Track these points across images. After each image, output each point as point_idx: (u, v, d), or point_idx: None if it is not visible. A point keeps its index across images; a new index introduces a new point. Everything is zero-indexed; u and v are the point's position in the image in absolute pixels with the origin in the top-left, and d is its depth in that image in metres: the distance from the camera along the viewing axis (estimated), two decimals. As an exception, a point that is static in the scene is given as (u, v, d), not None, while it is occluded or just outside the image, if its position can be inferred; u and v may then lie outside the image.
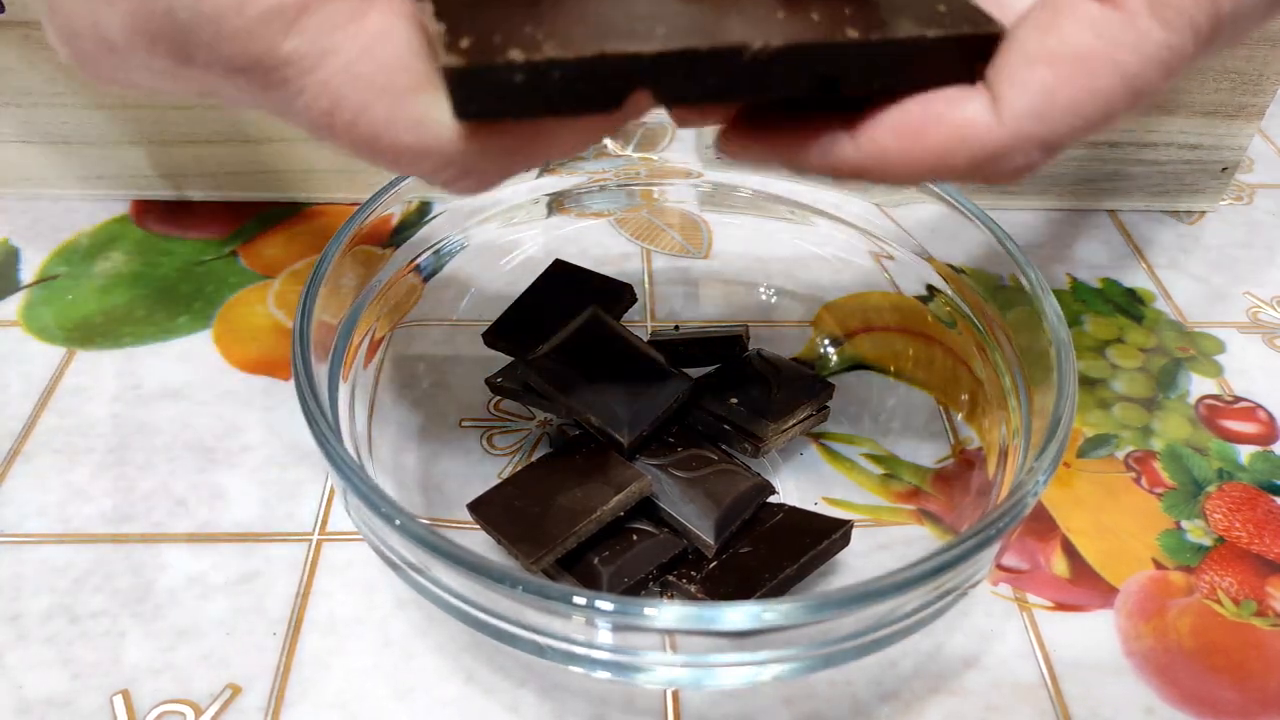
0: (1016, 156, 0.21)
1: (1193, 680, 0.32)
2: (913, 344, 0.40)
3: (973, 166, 0.22)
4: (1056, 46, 0.21)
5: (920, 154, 0.22)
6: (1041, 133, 0.21)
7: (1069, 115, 0.21)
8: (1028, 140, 0.21)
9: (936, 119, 0.22)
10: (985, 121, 0.21)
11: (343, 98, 0.19)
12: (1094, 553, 0.35)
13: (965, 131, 0.21)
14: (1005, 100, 0.21)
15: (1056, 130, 0.21)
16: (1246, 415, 0.41)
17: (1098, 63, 0.20)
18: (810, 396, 0.37)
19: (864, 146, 0.22)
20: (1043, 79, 0.21)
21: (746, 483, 0.33)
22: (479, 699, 0.30)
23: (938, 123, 0.22)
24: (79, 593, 0.33)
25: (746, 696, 0.31)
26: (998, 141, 0.21)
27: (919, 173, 0.22)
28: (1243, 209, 0.53)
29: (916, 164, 0.22)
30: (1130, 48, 0.20)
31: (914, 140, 0.22)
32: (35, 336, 0.42)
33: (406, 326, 0.39)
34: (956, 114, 0.22)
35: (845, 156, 0.22)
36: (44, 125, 0.47)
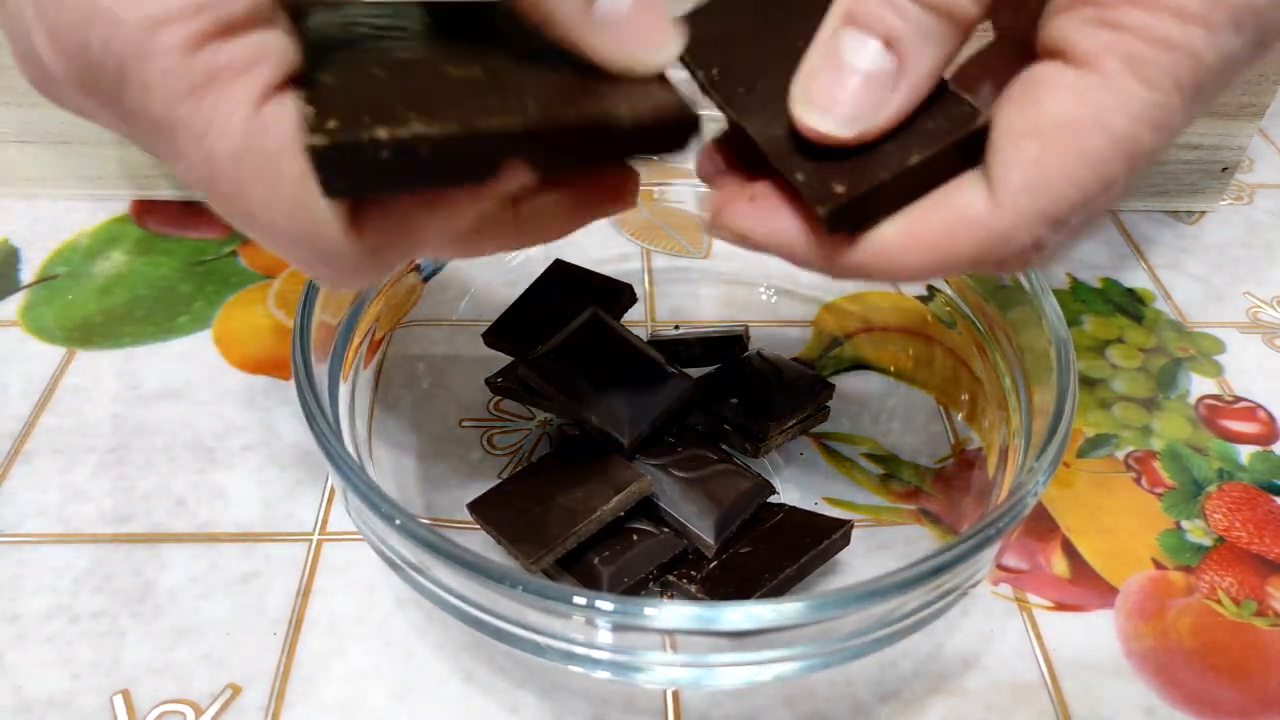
0: (1021, 235, 0.21)
1: (1193, 680, 0.32)
2: (913, 344, 0.40)
3: (979, 252, 0.21)
4: (1039, 118, 0.20)
5: (922, 246, 0.22)
6: (1039, 206, 0.21)
7: (1063, 183, 0.20)
8: (1028, 216, 0.21)
9: (933, 209, 0.21)
10: (982, 204, 0.21)
11: (222, 172, 0.20)
12: (1094, 553, 0.35)
13: (964, 215, 0.21)
14: (998, 180, 0.21)
15: (1055, 202, 0.20)
16: (1246, 415, 0.41)
17: (1083, 127, 0.20)
18: (810, 396, 0.37)
19: (865, 244, 0.22)
20: (1031, 152, 0.20)
21: (746, 483, 0.33)
22: (479, 699, 0.30)
23: (934, 211, 0.21)
24: (79, 593, 0.33)
25: (746, 696, 0.31)
26: (998, 222, 0.21)
27: (923, 265, 0.22)
28: (1243, 209, 0.53)
29: (919, 257, 0.22)
30: (1115, 109, 0.20)
31: (913, 233, 0.21)
32: (35, 336, 0.42)
33: (406, 326, 0.39)
34: (953, 201, 0.21)
35: (847, 256, 0.22)
36: (44, 125, 0.47)
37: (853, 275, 0.22)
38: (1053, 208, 0.21)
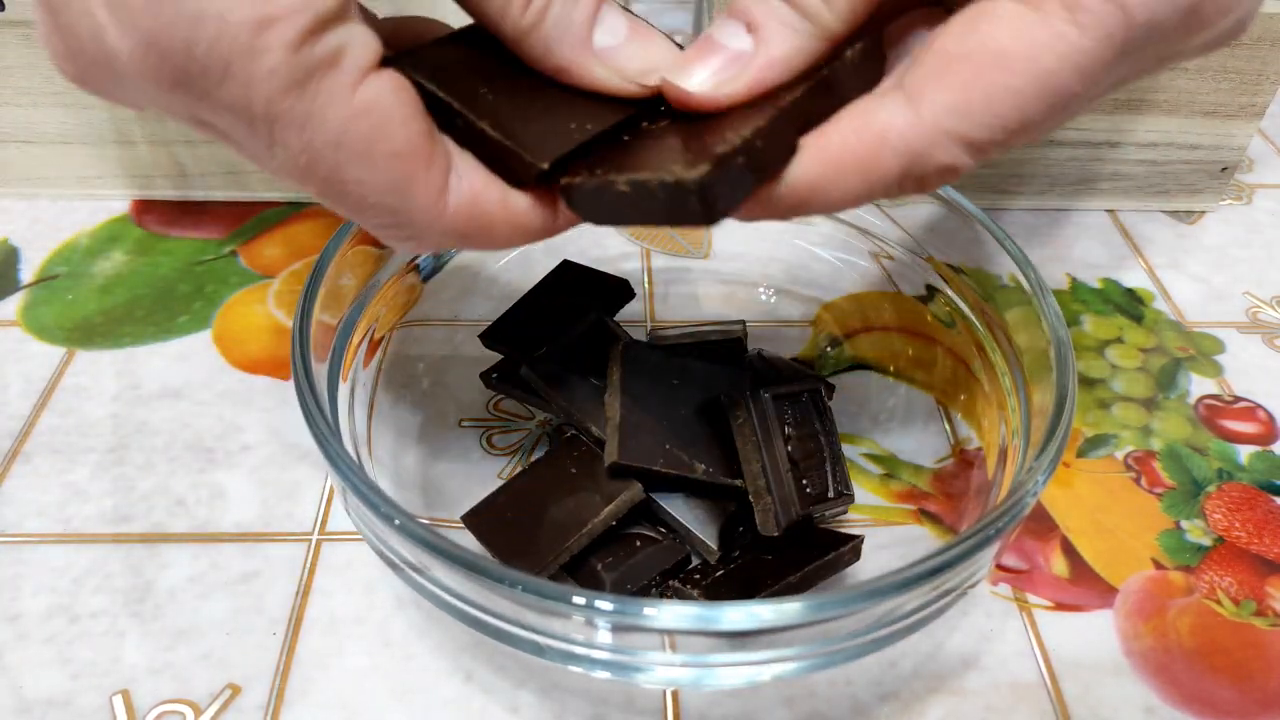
0: (939, 153, 0.22)
1: (1192, 680, 0.32)
2: (913, 344, 0.40)
3: (902, 170, 0.22)
4: (975, 45, 0.21)
5: (850, 171, 0.22)
6: (961, 129, 0.21)
7: (986, 112, 0.21)
8: (949, 136, 0.21)
9: (854, 133, 0.22)
10: (904, 119, 0.22)
11: (321, 158, 0.21)
12: (1093, 553, 0.35)
13: (886, 134, 0.22)
14: (924, 97, 0.21)
15: (975, 128, 0.21)
16: (1246, 415, 0.41)
17: (1014, 60, 0.21)
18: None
19: (795, 183, 0.23)
20: (962, 75, 0.21)
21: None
22: (479, 699, 0.30)
23: (858, 136, 0.22)
24: (79, 593, 0.33)
25: (746, 696, 0.31)
26: (919, 137, 0.22)
27: (854, 189, 0.22)
28: (1242, 209, 0.53)
29: (849, 182, 0.22)
30: (1046, 47, 0.21)
31: (839, 160, 0.22)
32: (35, 336, 0.42)
33: (406, 326, 0.39)
34: (873, 122, 0.22)
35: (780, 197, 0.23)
36: (44, 125, 0.47)
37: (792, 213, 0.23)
38: (972, 133, 0.21)
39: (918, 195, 0.24)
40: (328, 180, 0.21)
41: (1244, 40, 0.46)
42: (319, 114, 0.20)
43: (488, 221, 0.23)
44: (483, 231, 0.23)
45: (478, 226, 0.23)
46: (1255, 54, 0.46)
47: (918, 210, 0.38)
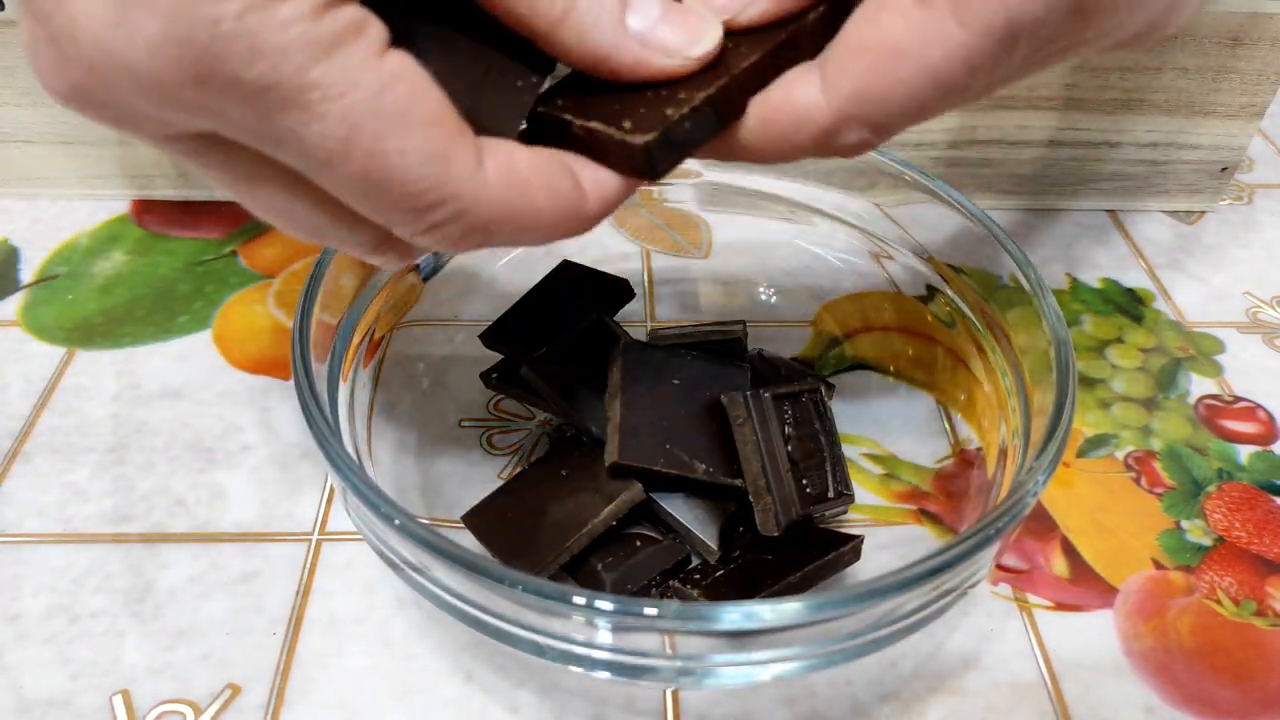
0: (848, 134, 0.23)
1: (1192, 680, 0.32)
2: (913, 344, 0.40)
3: (816, 143, 0.24)
4: (874, 37, 0.22)
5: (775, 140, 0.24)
6: (863, 114, 0.23)
7: (884, 102, 0.23)
8: (853, 120, 0.23)
9: (779, 107, 0.24)
10: (817, 102, 0.23)
11: (360, 126, 0.20)
12: (1094, 553, 0.35)
13: (802, 114, 0.23)
14: (831, 84, 0.23)
15: (875, 113, 0.23)
16: (1246, 415, 0.41)
17: (906, 55, 0.22)
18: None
19: (740, 141, 0.25)
20: (861, 66, 0.23)
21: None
22: (479, 699, 0.30)
23: (780, 110, 0.24)
24: (79, 593, 0.33)
25: (746, 696, 0.31)
26: (828, 120, 0.23)
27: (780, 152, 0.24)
28: (1242, 209, 0.53)
29: (776, 148, 0.24)
30: (934, 44, 0.22)
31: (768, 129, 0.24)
32: (35, 336, 0.42)
33: (406, 326, 0.39)
34: (794, 99, 0.24)
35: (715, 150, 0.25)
36: (44, 125, 0.47)
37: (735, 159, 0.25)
38: (874, 117, 0.23)
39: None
40: (369, 154, 0.20)
41: (1244, 40, 0.46)
42: (354, 79, 0.20)
43: (527, 191, 0.22)
44: (525, 203, 0.22)
45: (519, 196, 0.22)
46: (1255, 54, 0.46)
47: (918, 210, 0.38)
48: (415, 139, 0.21)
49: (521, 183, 0.22)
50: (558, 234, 0.23)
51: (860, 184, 0.40)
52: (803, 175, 0.41)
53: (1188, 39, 0.46)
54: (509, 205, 0.22)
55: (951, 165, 0.49)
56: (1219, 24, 0.45)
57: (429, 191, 0.21)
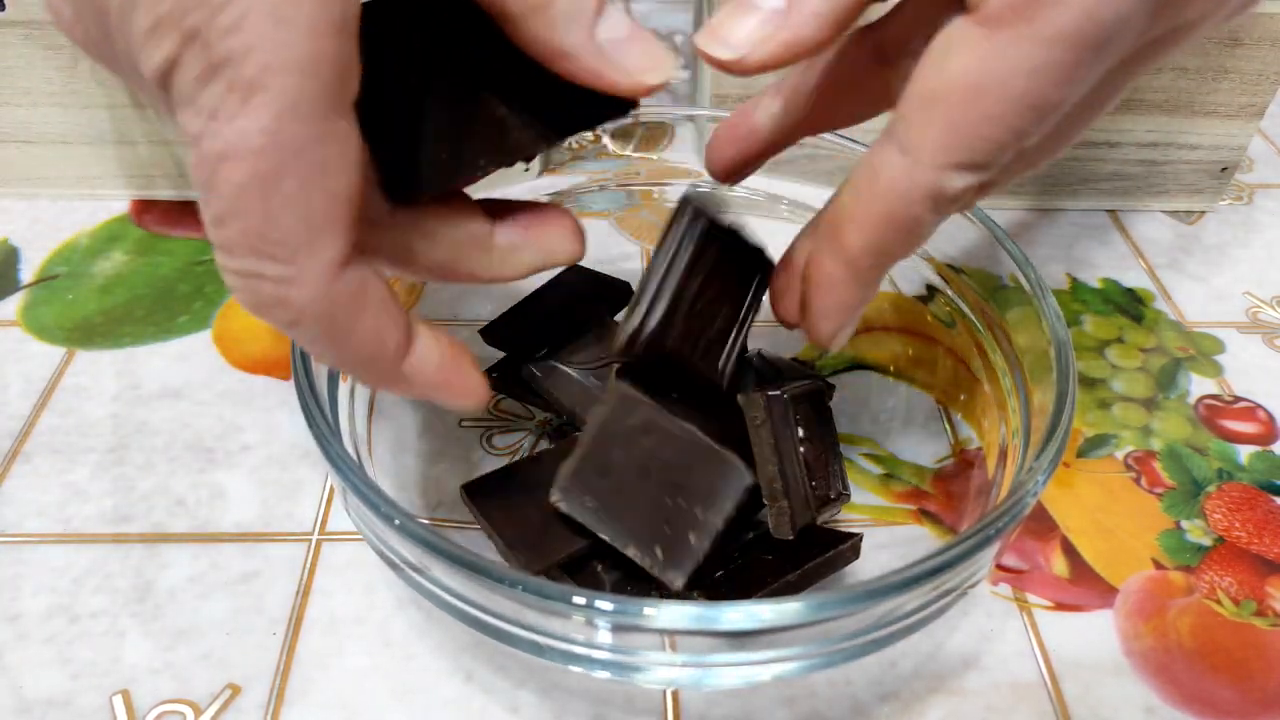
0: (953, 183, 0.22)
1: (1192, 680, 0.32)
2: (913, 344, 0.40)
3: (932, 209, 0.23)
4: (947, 83, 0.22)
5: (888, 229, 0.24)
6: (958, 159, 0.22)
7: (977, 141, 0.22)
8: (951, 167, 0.22)
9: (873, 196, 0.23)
10: (905, 169, 0.23)
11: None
12: (1094, 553, 0.35)
13: (901, 188, 0.23)
14: (913, 144, 0.22)
15: (973, 156, 0.22)
16: (1246, 415, 0.41)
17: (986, 89, 0.21)
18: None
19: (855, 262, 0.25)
20: (940, 116, 0.22)
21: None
22: (479, 699, 0.30)
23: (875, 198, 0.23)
24: (79, 593, 0.33)
25: (746, 696, 0.31)
26: (930, 182, 0.22)
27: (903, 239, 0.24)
28: (1242, 209, 0.53)
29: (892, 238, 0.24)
30: (1014, 70, 0.21)
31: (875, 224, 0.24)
32: (35, 336, 0.42)
33: (406, 326, 0.39)
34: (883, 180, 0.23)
35: (854, 282, 0.25)
36: (44, 125, 0.47)
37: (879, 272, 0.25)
38: (970, 160, 0.22)
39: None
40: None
41: (1244, 40, 0.46)
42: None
43: (362, 306, 0.23)
44: (353, 316, 0.23)
45: (352, 310, 0.23)
46: (1255, 54, 0.46)
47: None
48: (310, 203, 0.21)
49: (359, 307, 0.23)
50: (355, 365, 0.24)
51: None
52: (802, 175, 0.41)
53: (1188, 39, 0.46)
54: (335, 313, 0.22)
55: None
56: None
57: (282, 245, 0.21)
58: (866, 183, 0.24)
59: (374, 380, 0.24)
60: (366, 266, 0.22)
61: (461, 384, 0.25)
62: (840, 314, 0.26)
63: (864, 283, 0.25)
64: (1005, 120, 0.21)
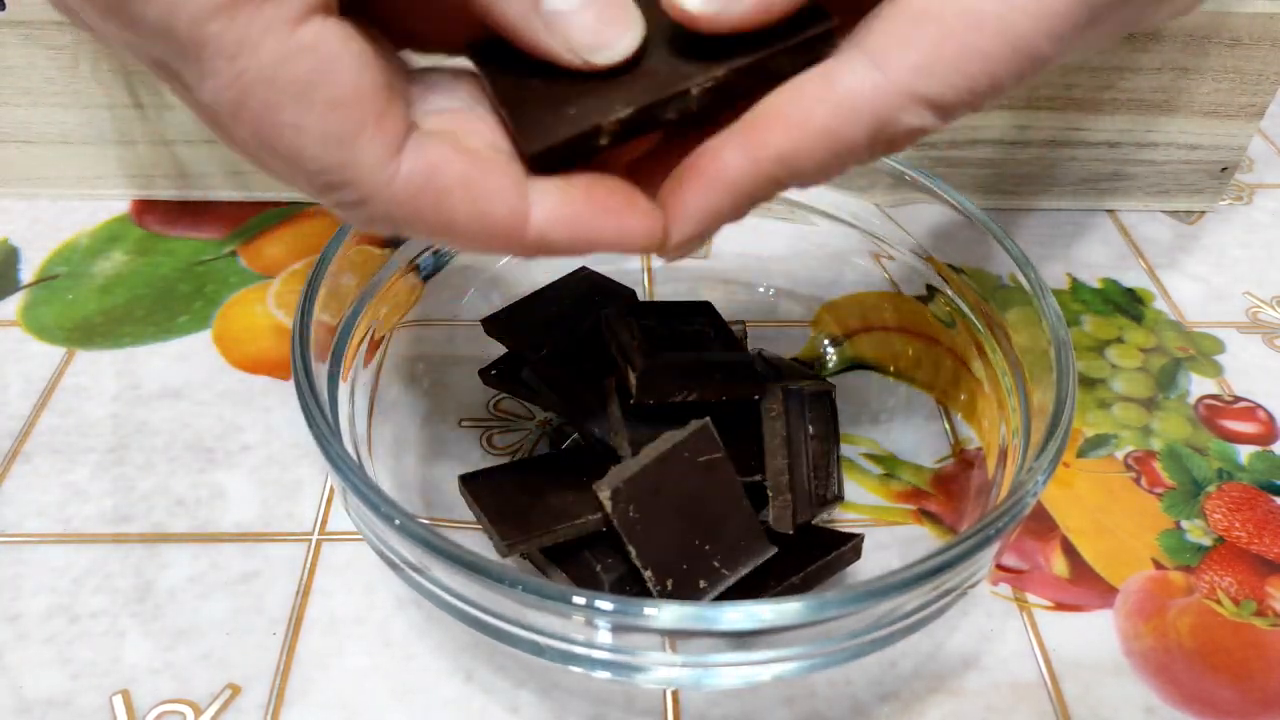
0: (907, 117, 0.21)
1: (1193, 680, 0.32)
2: (913, 344, 0.40)
3: (870, 135, 0.21)
4: (944, 3, 0.20)
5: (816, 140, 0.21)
6: (929, 91, 0.21)
7: (954, 74, 0.20)
8: (916, 98, 0.21)
9: (817, 100, 0.21)
10: (871, 82, 0.21)
11: (251, 93, 0.19)
12: (1094, 553, 0.35)
13: (853, 100, 0.21)
14: (891, 58, 0.21)
15: (943, 91, 0.20)
16: (1246, 415, 0.41)
17: (985, 19, 0.20)
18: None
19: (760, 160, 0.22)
20: (929, 34, 0.20)
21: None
22: (479, 699, 0.30)
23: (820, 102, 0.21)
24: (79, 593, 0.33)
25: (746, 696, 0.31)
26: (886, 102, 0.21)
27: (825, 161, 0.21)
28: (1242, 209, 0.53)
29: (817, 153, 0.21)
30: (1020, 8, 0.20)
31: (804, 129, 0.21)
32: (35, 336, 0.42)
33: (406, 326, 0.39)
34: (837, 87, 0.21)
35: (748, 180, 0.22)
36: (44, 125, 0.47)
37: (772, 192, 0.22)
38: (940, 96, 0.21)
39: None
40: (259, 121, 0.19)
41: (1244, 40, 0.46)
42: (251, 43, 0.19)
43: (444, 199, 0.21)
44: (437, 209, 0.21)
45: (432, 202, 0.21)
46: (1255, 54, 0.46)
47: (918, 210, 0.38)
48: (314, 117, 0.19)
49: (437, 189, 0.21)
50: (482, 247, 0.21)
51: (860, 184, 0.40)
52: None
53: (1188, 39, 0.46)
54: (414, 206, 0.21)
55: (951, 165, 0.49)
56: (1219, 24, 0.45)
57: (326, 173, 0.20)
58: (816, 88, 0.21)
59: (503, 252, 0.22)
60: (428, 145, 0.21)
61: (617, 223, 0.22)
62: (709, 218, 0.23)
63: (754, 194, 0.22)
64: (992, 61, 0.20)
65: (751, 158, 0.22)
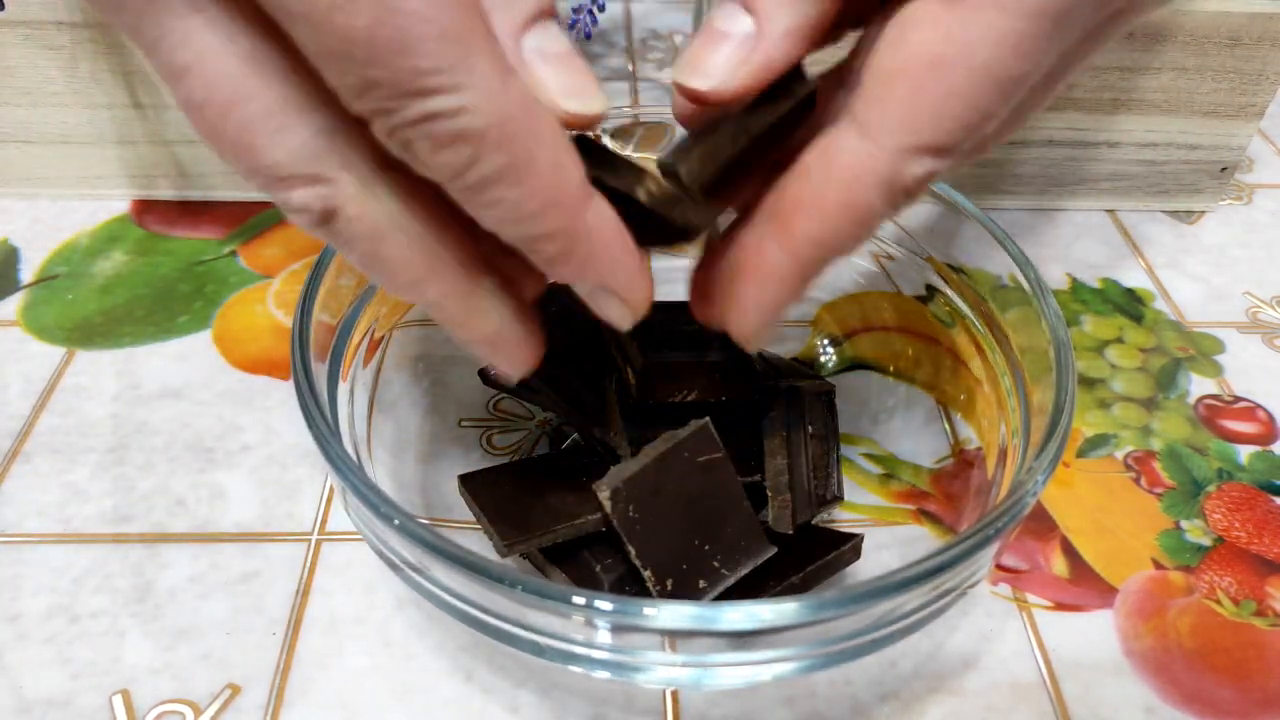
0: (911, 169, 0.22)
1: (1192, 680, 0.32)
2: (912, 344, 0.40)
3: (885, 197, 0.22)
4: (907, 58, 0.21)
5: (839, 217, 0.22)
6: (919, 141, 0.21)
7: (938, 119, 0.21)
8: (912, 152, 0.21)
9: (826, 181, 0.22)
10: (866, 153, 0.22)
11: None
12: (1093, 553, 0.35)
13: (856, 172, 0.22)
14: (873, 124, 0.21)
15: (935, 135, 0.21)
16: (1246, 415, 0.41)
17: (948, 62, 0.21)
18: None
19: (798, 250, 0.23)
20: (900, 92, 0.21)
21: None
22: (479, 699, 0.30)
23: (829, 183, 0.22)
24: (79, 593, 0.33)
25: (746, 696, 0.31)
26: (887, 165, 0.22)
27: (854, 230, 0.23)
28: (1242, 209, 0.53)
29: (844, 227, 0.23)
30: (977, 41, 0.20)
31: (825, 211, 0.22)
32: (35, 336, 0.42)
33: (406, 326, 0.39)
34: (838, 165, 0.22)
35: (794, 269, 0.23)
36: (44, 125, 0.47)
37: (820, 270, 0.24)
38: (933, 141, 0.21)
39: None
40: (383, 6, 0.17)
41: (1244, 40, 0.46)
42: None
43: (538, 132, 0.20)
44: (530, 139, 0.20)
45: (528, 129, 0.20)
46: (1255, 54, 0.46)
47: (918, 210, 0.38)
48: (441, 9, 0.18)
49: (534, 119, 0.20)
50: (538, 206, 0.20)
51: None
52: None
53: (1188, 39, 0.46)
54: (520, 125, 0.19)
55: (951, 165, 0.49)
56: (1219, 24, 0.45)
57: (438, 73, 0.18)
58: (820, 168, 0.22)
59: (553, 231, 0.21)
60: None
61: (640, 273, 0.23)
62: (771, 309, 0.24)
63: (804, 276, 0.24)
64: (969, 96, 0.21)
65: (789, 250, 0.23)
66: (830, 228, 0.23)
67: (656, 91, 0.60)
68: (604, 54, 0.63)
